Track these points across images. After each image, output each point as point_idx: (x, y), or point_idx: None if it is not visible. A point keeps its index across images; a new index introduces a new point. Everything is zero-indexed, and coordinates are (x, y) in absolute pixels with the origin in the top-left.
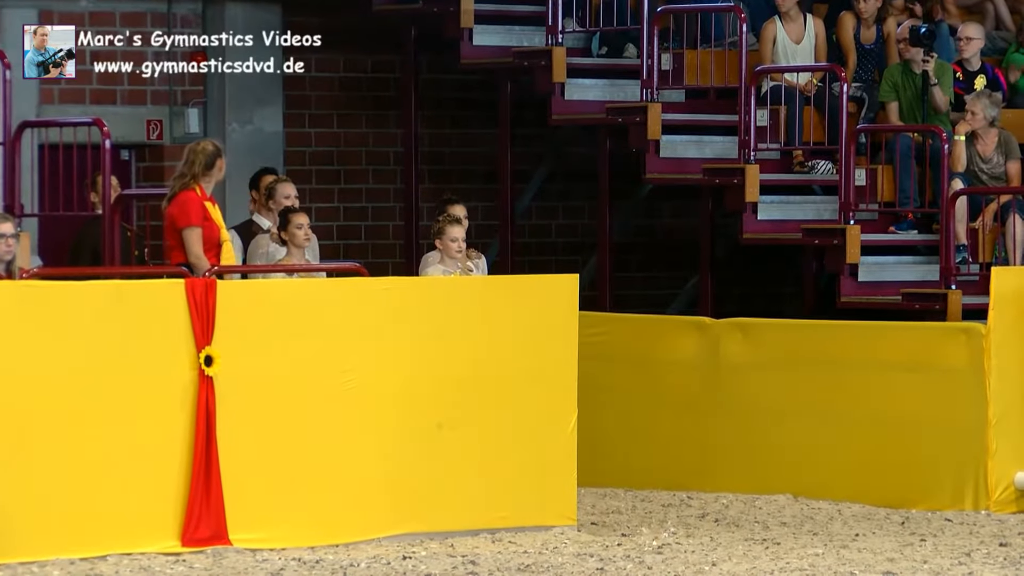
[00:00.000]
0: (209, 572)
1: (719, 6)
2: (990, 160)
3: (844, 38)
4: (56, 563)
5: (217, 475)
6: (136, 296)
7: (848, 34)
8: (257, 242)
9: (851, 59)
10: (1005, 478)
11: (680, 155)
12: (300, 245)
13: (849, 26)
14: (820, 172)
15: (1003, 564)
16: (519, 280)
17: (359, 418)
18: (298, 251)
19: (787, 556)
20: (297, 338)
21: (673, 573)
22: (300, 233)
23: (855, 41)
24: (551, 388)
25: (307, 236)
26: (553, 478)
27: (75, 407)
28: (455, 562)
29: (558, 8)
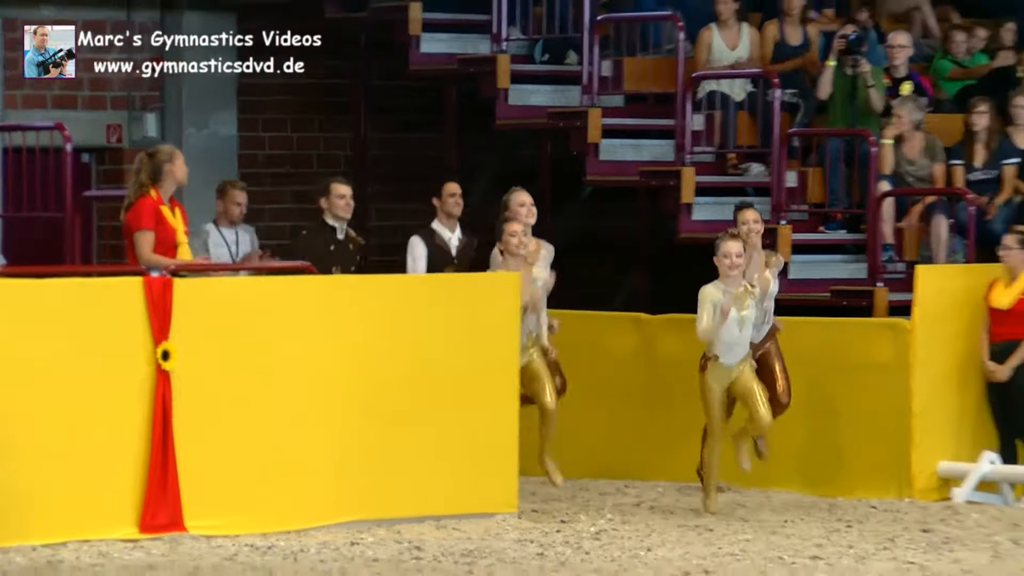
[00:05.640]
0: (166, 558)
1: (657, 15)
2: (916, 163)
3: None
4: (18, 549)
5: (173, 465)
6: (96, 293)
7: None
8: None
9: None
10: (928, 468)
11: (619, 158)
12: (513, 253)
13: (772, 34)
14: (753, 174)
15: (925, 549)
16: (464, 278)
17: (309, 410)
18: (514, 259)
19: (719, 542)
20: (250, 334)
21: (610, 558)
22: (513, 241)
23: (783, 45)
24: (494, 382)
25: (520, 243)
26: (495, 467)
27: (36, 400)
28: (401, 548)
29: (502, 16)
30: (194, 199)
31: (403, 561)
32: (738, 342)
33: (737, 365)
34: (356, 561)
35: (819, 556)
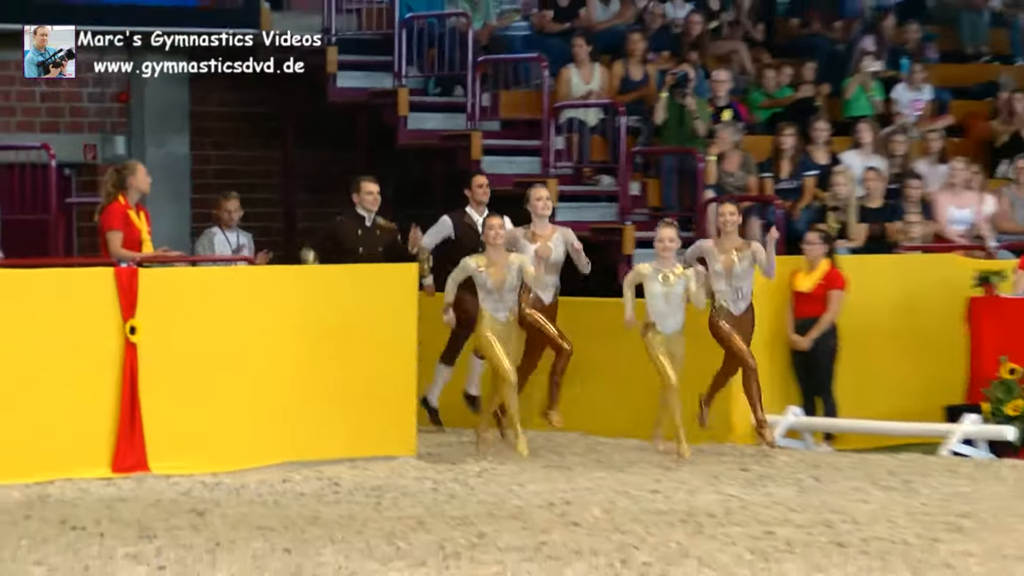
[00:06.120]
0: (134, 492)
1: (526, 56)
2: (734, 175)
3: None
4: (15, 486)
5: (139, 418)
6: (76, 280)
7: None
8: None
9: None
10: (745, 419)
11: (497, 171)
12: (491, 243)
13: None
14: (604, 184)
15: (743, 484)
16: (372, 267)
17: (248, 373)
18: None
19: (578, 479)
20: (201, 312)
21: (490, 491)
22: (491, 233)
23: (627, 81)
24: (396, 351)
25: (496, 235)
26: (398, 420)
27: (28, 365)
28: (322, 484)
29: (402, 58)
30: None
31: (324, 495)
32: (668, 314)
33: (673, 333)
34: (287, 495)
35: (657, 490)
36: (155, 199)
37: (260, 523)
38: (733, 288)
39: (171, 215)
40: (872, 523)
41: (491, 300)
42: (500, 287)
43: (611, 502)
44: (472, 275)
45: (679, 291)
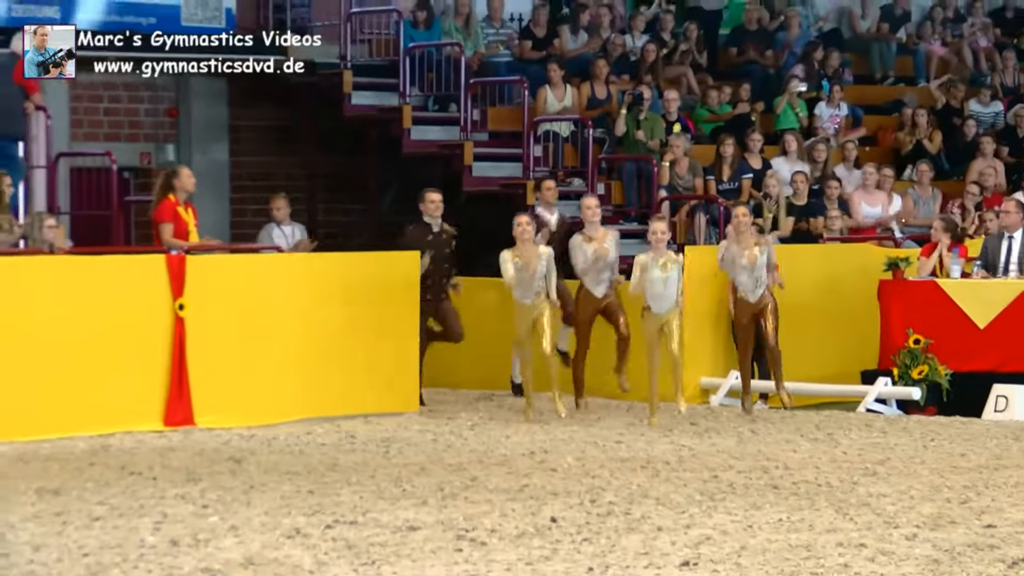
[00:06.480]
0: (182, 443)
1: (510, 79)
2: (684, 178)
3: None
4: (81, 438)
5: (187, 380)
6: (134, 265)
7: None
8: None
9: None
10: (694, 380)
11: (485, 175)
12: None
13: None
14: (575, 186)
15: (692, 436)
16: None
17: (278, 343)
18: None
19: (554, 431)
20: (239, 292)
21: (481, 442)
22: (518, 229)
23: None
24: (401, 325)
25: (524, 231)
26: (403, 382)
27: (94, 337)
28: (340, 436)
29: (406, 80)
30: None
31: (342, 445)
32: (663, 296)
33: (667, 313)
34: (311, 445)
35: (621, 441)
36: (200, 197)
37: (288, 469)
38: (754, 278)
39: (213, 211)
40: (801, 468)
41: (520, 288)
42: (532, 277)
43: (582, 451)
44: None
45: (673, 276)
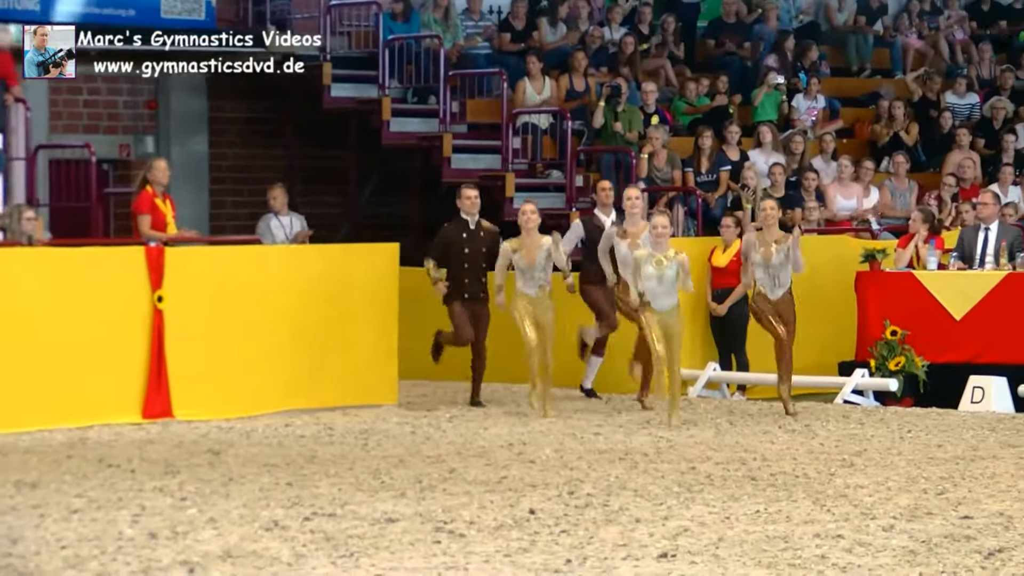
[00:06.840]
0: (160, 435)
1: (489, 71)
2: (662, 169)
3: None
4: (59, 430)
5: (165, 372)
6: (113, 257)
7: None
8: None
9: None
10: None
11: (464, 167)
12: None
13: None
14: (554, 178)
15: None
16: (360, 247)
17: (257, 335)
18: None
19: (532, 424)
20: (217, 284)
21: (459, 434)
22: (522, 218)
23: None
24: (381, 318)
25: (528, 220)
26: (382, 375)
27: (72, 329)
28: (319, 428)
29: (386, 71)
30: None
31: (321, 437)
32: (661, 293)
33: (668, 310)
34: (289, 437)
35: (599, 432)
36: (179, 189)
37: (266, 461)
38: (771, 276)
39: (192, 203)
40: (779, 460)
41: (523, 278)
42: (531, 266)
43: (560, 443)
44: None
45: (671, 274)
